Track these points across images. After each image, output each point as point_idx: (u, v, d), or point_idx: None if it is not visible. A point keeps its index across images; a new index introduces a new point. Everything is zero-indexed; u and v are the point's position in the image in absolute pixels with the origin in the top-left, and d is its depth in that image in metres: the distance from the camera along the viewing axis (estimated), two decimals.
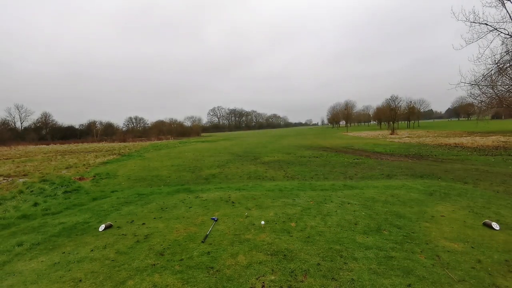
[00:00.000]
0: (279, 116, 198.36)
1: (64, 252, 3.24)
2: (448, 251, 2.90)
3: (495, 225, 3.51)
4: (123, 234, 3.72)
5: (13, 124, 67.46)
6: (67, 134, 68.24)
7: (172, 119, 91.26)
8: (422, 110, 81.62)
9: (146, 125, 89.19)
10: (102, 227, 3.97)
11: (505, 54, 13.82)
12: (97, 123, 76.81)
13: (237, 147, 22.70)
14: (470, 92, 16.20)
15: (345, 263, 2.66)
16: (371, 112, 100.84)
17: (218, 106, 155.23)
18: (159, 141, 41.20)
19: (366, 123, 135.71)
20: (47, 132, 67.83)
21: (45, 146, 39.89)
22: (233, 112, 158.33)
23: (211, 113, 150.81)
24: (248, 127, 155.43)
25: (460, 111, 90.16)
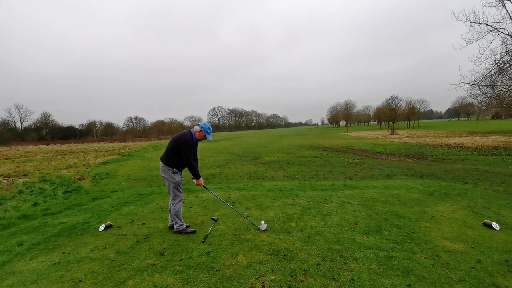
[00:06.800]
0: (279, 116, 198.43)
1: (64, 252, 3.24)
2: (448, 251, 2.90)
3: (495, 225, 3.51)
4: (123, 234, 3.72)
5: (13, 124, 67.52)
6: (67, 134, 68.23)
7: (172, 119, 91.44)
8: (422, 110, 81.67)
9: (146, 125, 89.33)
10: (102, 227, 3.97)
11: (505, 54, 13.83)
12: (97, 123, 76.83)
13: (237, 147, 22.70)
14: (470, 92, 16.26)
15: (345, 263, 2.66)
16: (371, 112, 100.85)
17: (218, 106, 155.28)
18: (159, 141, 41.17)
19: (366, 123, 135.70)
20: (47, 132, 67.80)
21: (45, 146, 39.88)
22: (233, 112, 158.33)
23: (211, 113, 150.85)
24: (248, 127, 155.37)
25: (460, 111, 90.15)
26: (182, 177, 3.75)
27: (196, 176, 3.62)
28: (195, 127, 3.63)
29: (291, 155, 14.88)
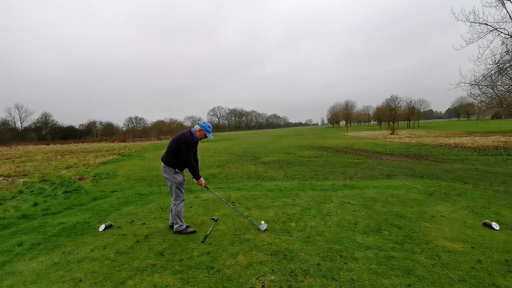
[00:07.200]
0: (279, 116, 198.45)
1: (64, 252, 3.24)
2: (448, 251, 2.90)
3: (495, 225, 3.51)
4: (123, 234, 3.72)
5: (13, 124, 67.53)
6: (67, 134, 68.22)
7: (172, 119, 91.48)
8: (422, 110, 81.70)
9: (146, 125, 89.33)
10: (102, 227, 3.97)
11: (505, 54, 13.84)
12: (97, 123, 76.80)
13: (237, 147, 22.70)
14: (470, 92, 16.28)
15: (345, 263, 2.66)
16: (371, 112, 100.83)
17: (218, 106, 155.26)
18: (159, 141, 41.17)
19: (366, 123, 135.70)
20: (47, 132, 67.77)
21: (45, 146, 39.87)
22: (233, 112, 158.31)
23: (211, 113, 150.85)
24: (248, 127, 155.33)
25: (460, 111, 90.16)
26: (184, 176, 3.74)
27: (196, 176, 3.62)
28: (195, 126, 3.64)
29: (291, 155, 14.88)
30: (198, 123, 3.64)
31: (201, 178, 3.65)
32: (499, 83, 15.06)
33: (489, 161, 10.94)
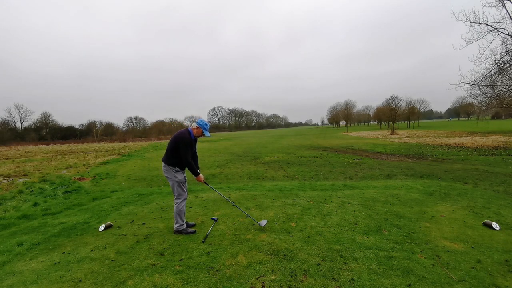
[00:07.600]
0: (279, 116, 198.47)
1: (64, 252, 3.24)
2: (448, 251, 2.90)
3: (495, 225, 3.51)
4: (123, 234, 3.72)
5: (13, 124, 67.54)
6: (67, 134, 68.20)
7: (172, 119, 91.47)
8: (422, 110, 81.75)
9: (146, 125, 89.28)
10: (102, 227, 3.97)
11: (505, 54, 13.84)
12: (97, 123, 76.78)
13: (237, 147, 22.71)
14: (470, 92, 16.29)
15: (345, 263, 2.66)
16: (371, 112, 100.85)
17: (218, 106, 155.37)
18: (159, 141, 41.16)
19: (366, 123, 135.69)
20: (47, 132, 67.76)
21: (45, 146, 39.86)
22: (233, 112, 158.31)
23: (211, 113, 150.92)
24: (248, 127, 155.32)
25: (460, 111, 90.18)
26: (185, 176, 3.74)
27: (195, 173, 3.61)
28: (192, 124, 3.66)
29: (291, 155, 14.88)
30: (195, 121, 3.66)
31: (200, 175, 3.65)
32: (499, 83, 15.07)
33: (489, 161, 10.94)
